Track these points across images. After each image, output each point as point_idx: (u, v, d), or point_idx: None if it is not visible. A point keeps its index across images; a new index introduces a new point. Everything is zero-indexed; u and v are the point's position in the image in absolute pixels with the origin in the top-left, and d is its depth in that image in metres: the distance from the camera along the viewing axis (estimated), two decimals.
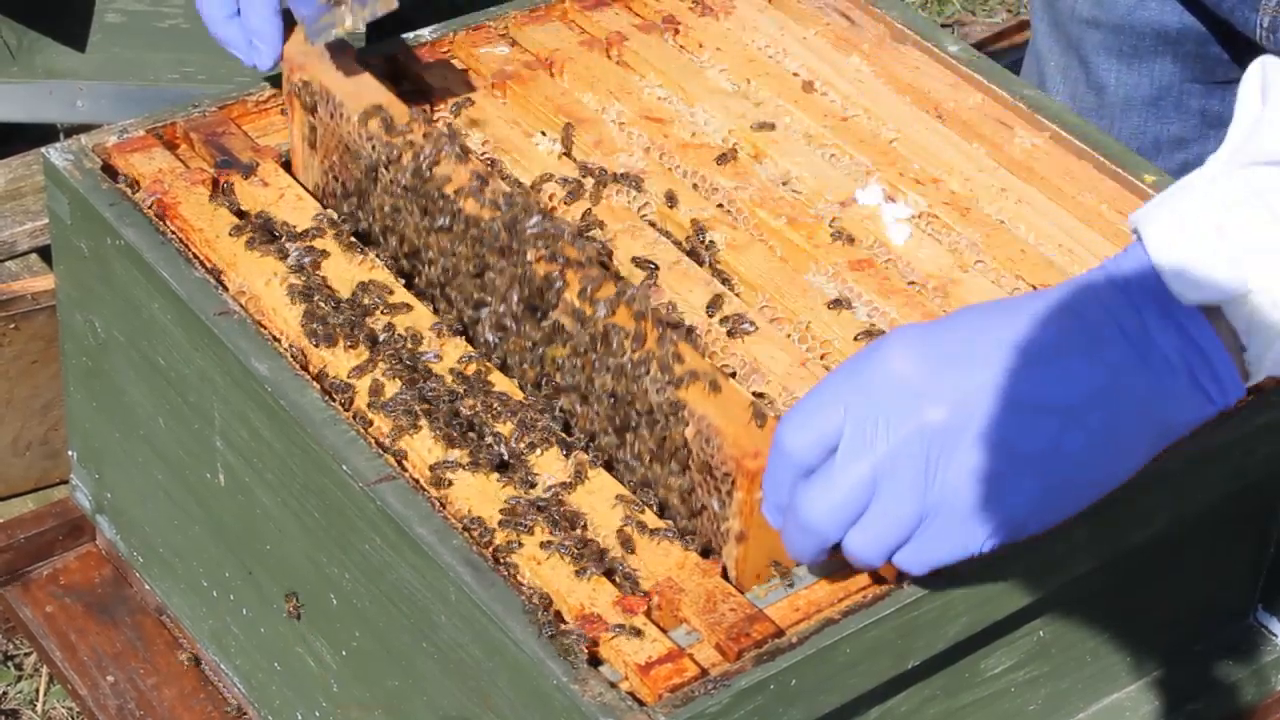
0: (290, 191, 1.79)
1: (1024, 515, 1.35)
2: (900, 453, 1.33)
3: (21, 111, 2.87)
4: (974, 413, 1.33)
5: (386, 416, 1.59)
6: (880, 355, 1.36)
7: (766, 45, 1.98)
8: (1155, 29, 2.19)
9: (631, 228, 1.76)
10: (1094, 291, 1.35)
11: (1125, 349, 1.33)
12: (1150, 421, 1.35)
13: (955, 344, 1.35)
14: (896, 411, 1.34)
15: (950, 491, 1.34)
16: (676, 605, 1.47)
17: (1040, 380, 1.33)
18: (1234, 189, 1.31)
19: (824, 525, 1.37)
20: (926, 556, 1.38)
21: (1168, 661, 1.77)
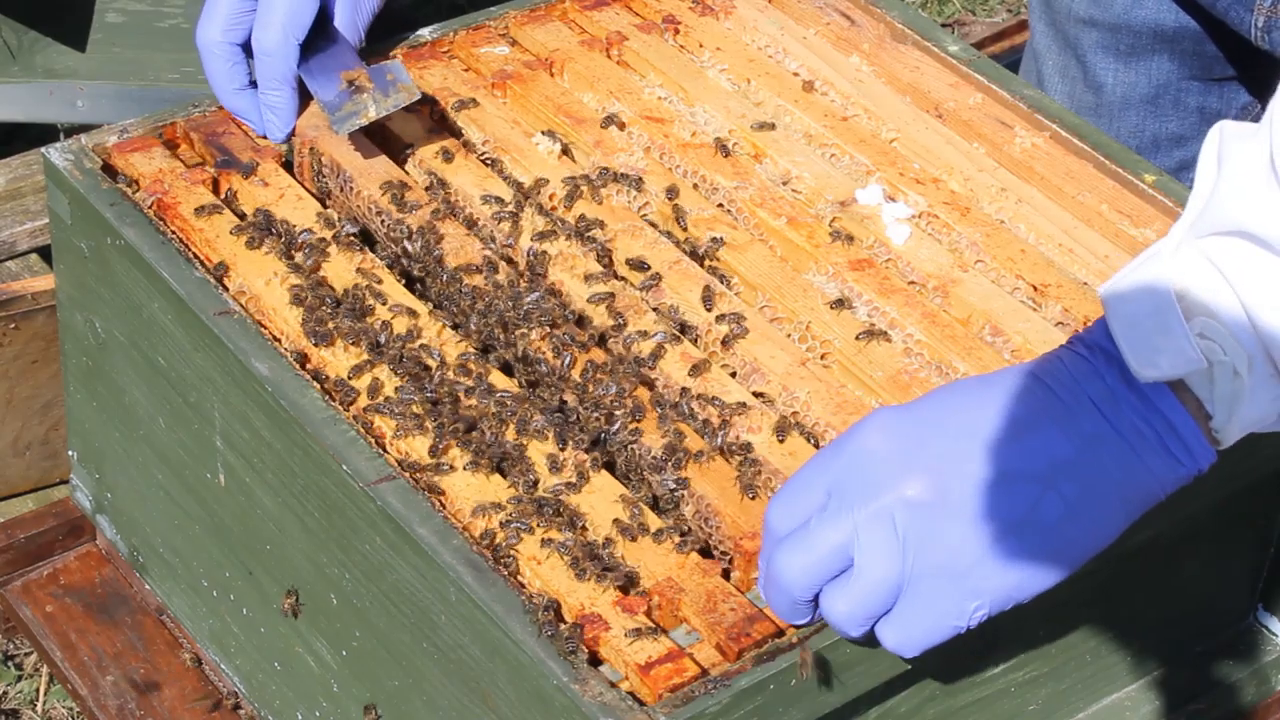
0: (290, 191, 1.79)
1: (1006, 585, 1.36)
2: (877, 520, 1.35)
3: (22, 111, 2.87)
4: (950, 485, 1.35)
5: (387, 416, 1.59)
6: (859, 435, 1.38)
7: (767, 45, 1.98)
8: (1152, 28, 2.19)
9: (631, 228, 1.76)
10: (1064, 364, 1.38)
11: (1097, 419, 1.35)
12: (1125, 489, 1.37)
13: (930, 420, 1.38)
14: (875, 484, 1.36)
15: (927, 567, 1.35)
16: (677, 605, 1.47)
17: (1015, 451, 1.35)
18: (1192, 261, 1.32)
19: (796, 583, 1.38)
20: (911, 633, 1.38)
21: (1168, 661, 1.77)
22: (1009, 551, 1.35)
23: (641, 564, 1.49)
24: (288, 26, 1.80)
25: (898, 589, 1.36)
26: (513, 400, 1.60)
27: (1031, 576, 1.36)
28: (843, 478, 1.37)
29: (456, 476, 1.55)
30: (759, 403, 1.62)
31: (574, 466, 1.55)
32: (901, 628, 1.38)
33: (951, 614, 1.37)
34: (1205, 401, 1.35)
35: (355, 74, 1.79)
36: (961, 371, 1.66)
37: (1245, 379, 1.32)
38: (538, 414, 1.59)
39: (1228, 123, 1.34)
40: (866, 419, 1.39)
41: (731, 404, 1.60)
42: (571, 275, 1.70)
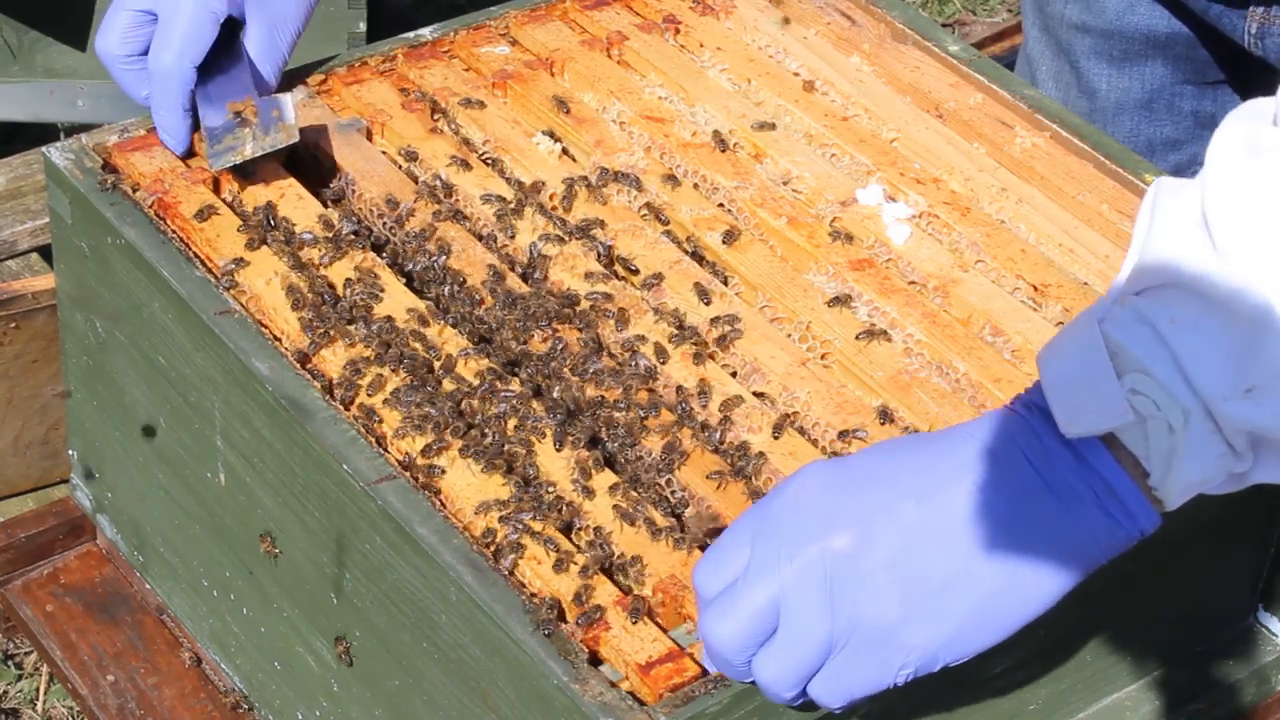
0: (290, 191, 1.79)
1: (933, 646, 1.32)
2: (804, 576, 1.31)
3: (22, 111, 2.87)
4: (879, 537, 1.31)
5: (387, 415, 1.59)
6: (787, 488, 1.35)
7: (767, 45, 1.98)
8: (1144, 33, 2.19)
9: (632, 227, 1.76)
10: (1000, 421, 1.34)
11: (1029, 476, 1.31)
12: (1060, 547, 1.32)
13: (860, 472, 1.34)
14: (799, 537, 1.32)
15: (859, 619, 1.31)
16: (680, 603, 1.47)
17: (944, 505, 1.31)
18: (1124, 317, 1.30)
19: (727, 649, 1.34)
20: (841, 686, 1.33)
21: (1168, 661, 1.77)
22: (937, 610, 1.31)
23: (645, 562, 1.49)
24: (183, 50, 1.76)
25: (829, 646, 1.32)
26: (514, 398, 1.60)
27: (959, 639, 1.32)
28: (767, 530, 1.33)
29: (456, 476, 1.55)
30: (759, 402, 1.62)
31: (576, 465, 1.55)
32: (828, 681, 1.34)
33: (877, 671, 1.33)
34: (1142, 458, 1.31)
35: (242, 105, 1.75)
36: (962, 371, 1.66)
37: (1182, 435, 1.28)
38: (541, 413, 1.59)
39: (1164, 178, 1.32)
40: (796, 473, 1.35)
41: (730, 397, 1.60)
42: (572, 274, 1.70)
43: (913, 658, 1.32)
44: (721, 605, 1.34)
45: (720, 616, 1.33)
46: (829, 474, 1.34)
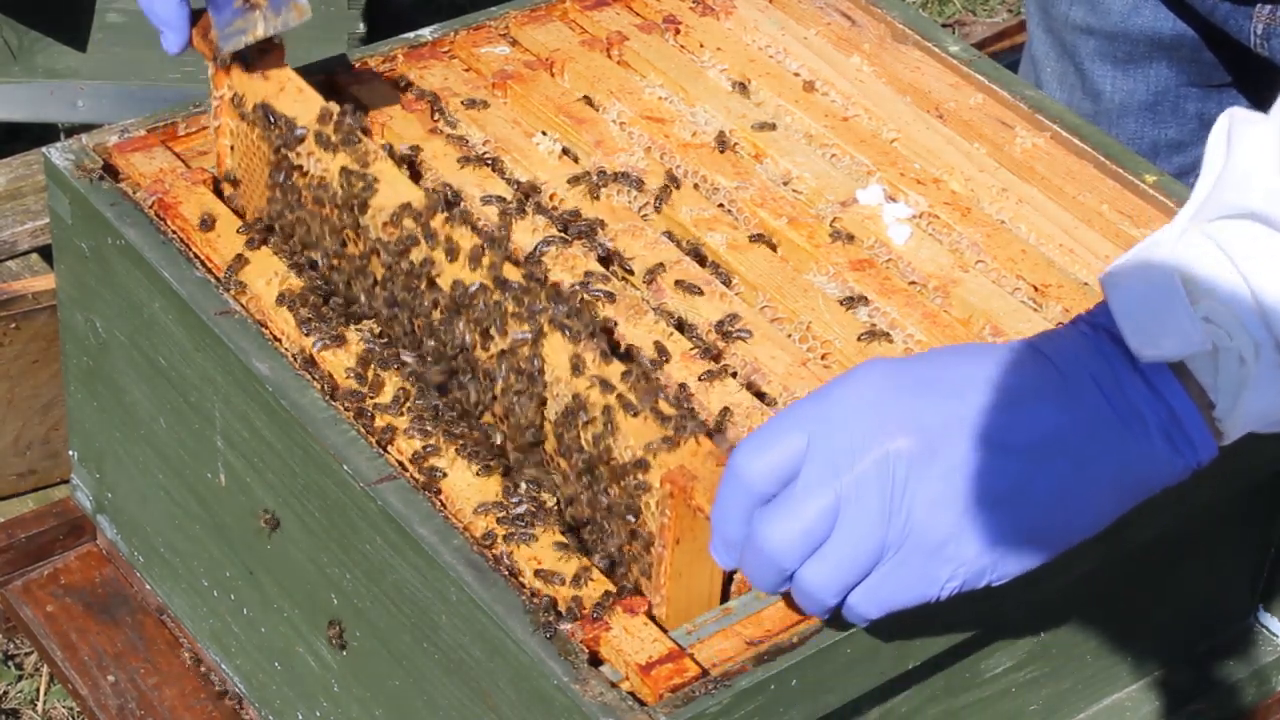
0: (291, 84, 1.74)
1: (984, 562, 1.31)
2: (865, 481, 1.29)
3: (22, 111, 2.87)
4: (941, 446, 1.29)
5: (387, 415, 1.59)
6: (847, 383, 1.32)
7: (767, 45, 1.98)
8: (1149, 35, 2.19)
9: (632, 228, 1.76)
10: (1068, 342, 1.33)
11: (1097, 400, 1.31)
12: (1120, 475, 1.32)
13: (925, 376, 1.32)
14: (861, 438, 1.29)
15: (914, 527, 1.30)
16: (689, 494, 1.43)
17: (1010, 421, 1.30)
18: (1198, 243, 1.29)
19: (784, 555, 1.32)
20: (883, 596, 1.32)
21: (1168, 662, 1.77)
22: (992, 526, 1.30)
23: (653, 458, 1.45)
24: None
25: (880, 554, 1.30)
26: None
27: (1011, 555, 1.31)
28: (828, 429, 1.30)
29: (457, 476, 1.55)
30: (758, 403, 1.62)
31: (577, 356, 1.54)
32: (871, 591, 1.32)
33: (923, 584, 1.31)
34: (1209, 389, 1.30)
35: None
36: None
37: (1251, 366, 1.28)
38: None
39: (1237, 109, 1.31)
40: (856, 369, 1.32)
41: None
42: (572, 275, 1.70)
43: (961, 572, 1.31)
44: (783, 509, 1.31)
45: (784, 519, 1.30)
46: (892, 374, 1.31)
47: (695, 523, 1.43)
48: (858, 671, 1.48)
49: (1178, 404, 1.31)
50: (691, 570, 1.46)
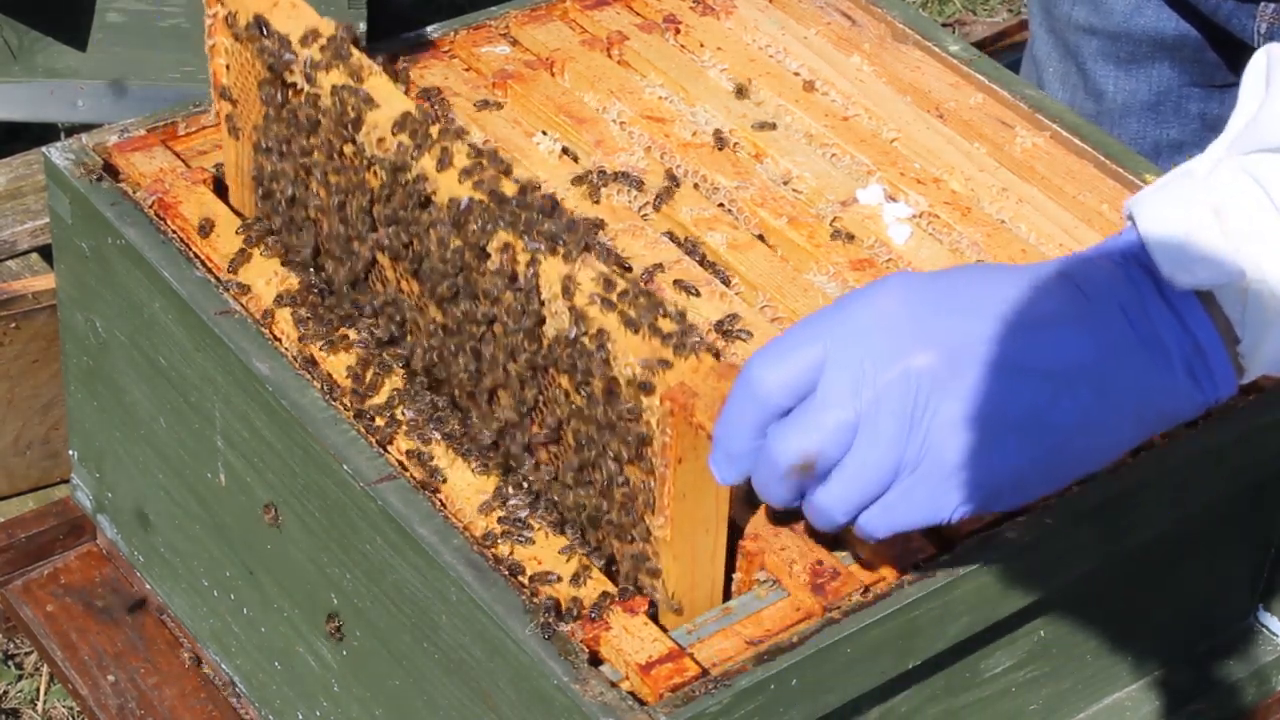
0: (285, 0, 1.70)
1: (1001, 483, 1.29)
2: (885, 398, 1.26)
3: (22, 111, 2.87)
4: (963, 365, 1.26)
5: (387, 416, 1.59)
6: (869, 295, 1.29)
7: (768, 45, 1.98)
8: (1152, 35, 2.19)
9: (632, 227, 1.76)
10: (1095, 267, 1.30)
11: (1123, 327, 1.29)
12: (1140, 406, 1.30)
13: (951, 293, 1.29)
14: (883, 354, 1.26)
15: (931, 446, 1.27)
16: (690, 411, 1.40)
17: (1035, 344, 1.27)
18: (1233, 175, 1.27)
19: (798, 470, 1.29)
20: (894, 518, 1.30)
21: (1168, 662, 1.77)
22: (1010, 450, 1.27)
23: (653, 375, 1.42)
24: None
25: (895, 473, 1.28)
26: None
27: (1026, 481, 1.29)
28: (847, 343, 1.27)
29: (456, 477, 1.55)
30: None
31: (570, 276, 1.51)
32: (883, 510, 1.30)
33: (934, 505, 1.29)
34: (1235, 323, 1.28)
35: None
36: None
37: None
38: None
39: (1275, 45, 1.30)
40: (876, 283, 1.29)
41: None
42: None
43: (976, 495, 1.29)
44: (801, 424, 1.28)
45: (801, 434, 1.28)
46: (915, 289, 1.29)
47: (698, 441, 1.39)
48: (858, 671, 1.48)
49: (1203, 336, 1.29)
50: (696, 492, 1.42)
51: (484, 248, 1.52)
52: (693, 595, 1.48)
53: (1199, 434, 1.61)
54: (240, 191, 1.77)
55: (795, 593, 1.48)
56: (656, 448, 1.42)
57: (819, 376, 1.28)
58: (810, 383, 1.29)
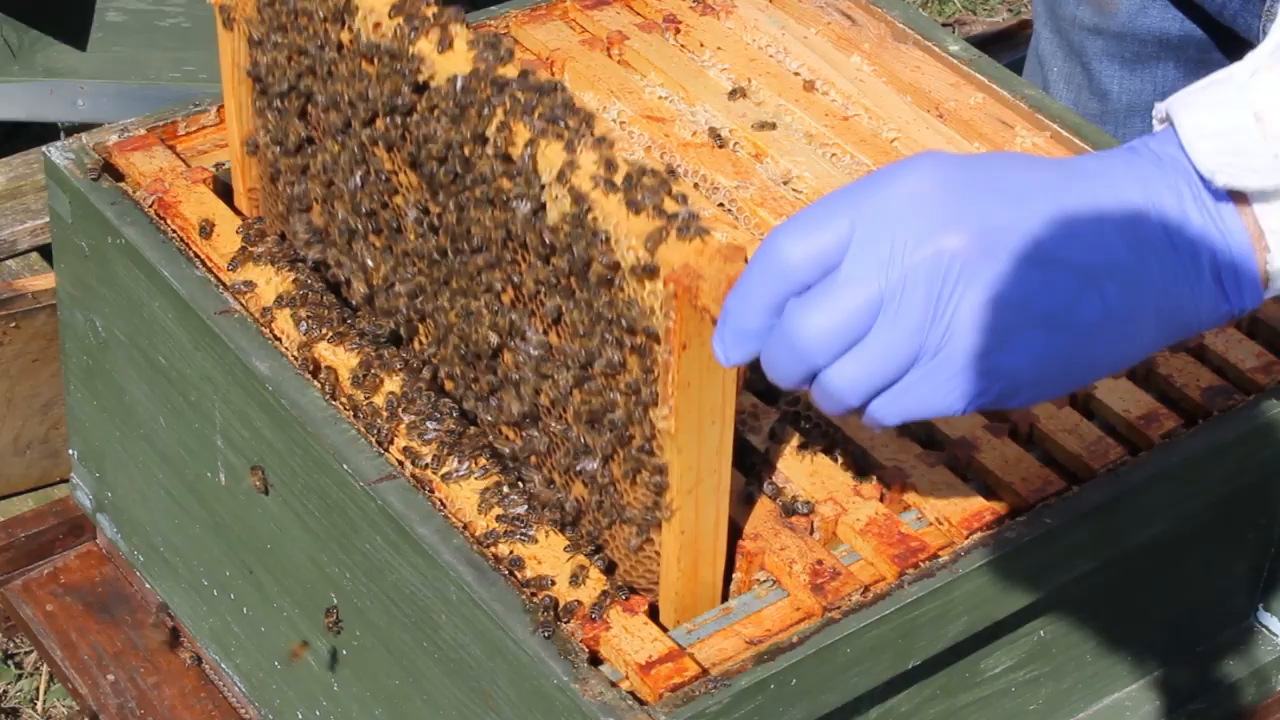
0: None
1: (1020, 378, 1.25)
2: (911, 280, 1.21)
3: (22, 110, 2.87)
4: (995, 251, 1.22)
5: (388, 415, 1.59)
6: (901, 173, 1.24)
7: (768, 45, 1.98)
8: (1157, 35, 2.19)
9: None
10: (1130, 166, 1.28)
11: (1156, 227, 1.26)
12: (1165, 311, 1.27)
13: (987, 178, 1.25)
14: (913, 233, 1.22)
15: (954, 333, 1.23)
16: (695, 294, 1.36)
17: (1068, 237, 1.24)
18: (1274, 82, 1.24)
19: (817, 349, 1.24)
20: (907, 405, 1.25)
21: (1168, 661, 1.77)
22: (1033, 343, 1.24)
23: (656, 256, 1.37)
24: None
25: (915, 358, 1.24)
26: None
27: (1045, 377, 1.25)
28: (876, 219, 1.22)
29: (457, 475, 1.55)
30: (757, 400, 1.62)
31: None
32: (896, 397, 1.25)
33: (950, 394, 1.25)
34: (1269, 232, 1.26)
35: None
36: None
37: None
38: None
39: None
40: (909, 160, 1.25)
41: None
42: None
43: (993, 388, 1.25)
44: (822, 299, 1.23)
45: (816, 309, 1.23)
46: (949, 170, 1.25)
47: (703, 326, 1.34)
48: (858, 671, 1.48)
49: (1236, 243, 1.27)
50: (701, 380, 1.37)
51: (483, 132, 1.47)
52: (698, 492, 1.42)
53: (1199, 434, 1.61)
54: (236, 91, 1.73)
55: (795, 592, 1.48)
56: (660, 334, 1.36)
57: (844, 254, 1.24)
58: (835, 259, 1.24)
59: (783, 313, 1.25)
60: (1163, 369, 1.67)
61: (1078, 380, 1.28)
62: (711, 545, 1.47)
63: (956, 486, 1.56)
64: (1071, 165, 1.28)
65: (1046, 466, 1.58)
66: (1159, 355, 1.68)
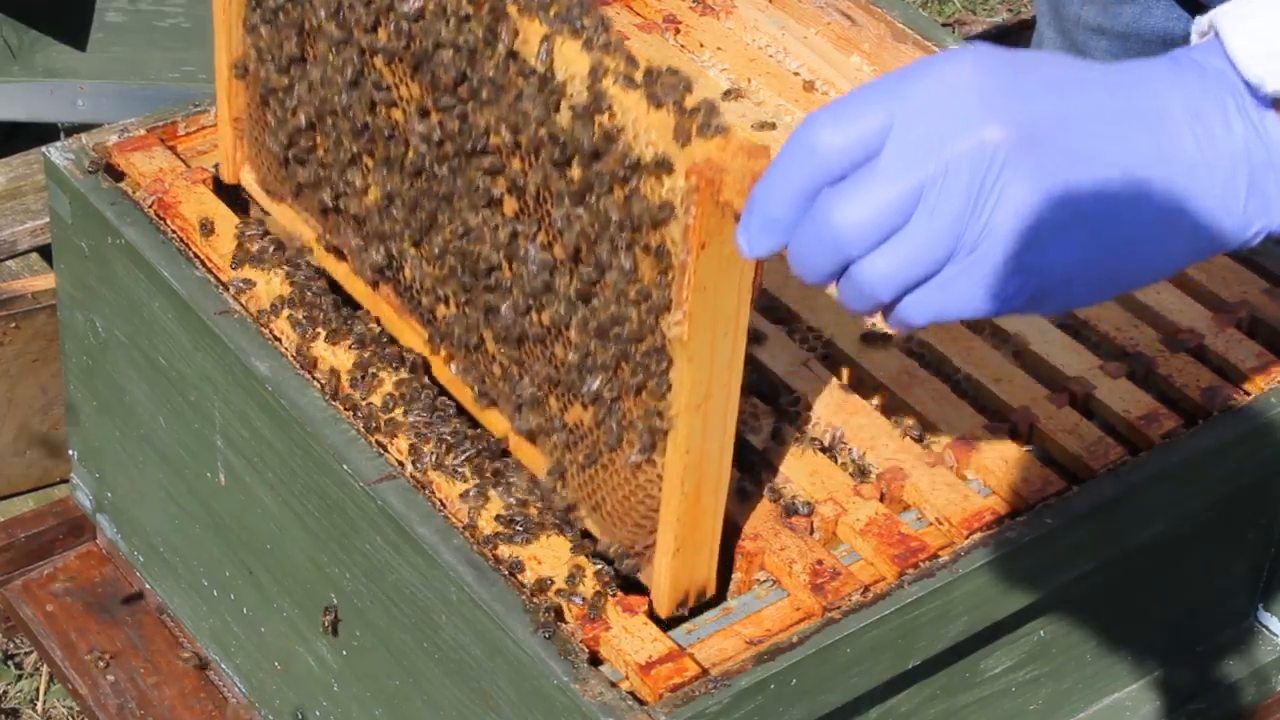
0: None
1: (1053, 279, 1.22)
2: (955, 169, 1.19)
3: (22, 111, 2.87)
4: (1038, 146, 1.20)
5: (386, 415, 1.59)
6: (941, 64, 1.20)
7: (768, 45, 1.98)
8: (1161, 35, 2.19)
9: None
10: (1176, 74, 1.26)
11: (1198, 139, 1.24)
12: (1200, 224, 1.24)
13: (1030, 73, 1.22)
14: (955, 124, 1.19)
15: (992, 229, 1.20)
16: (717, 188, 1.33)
17: (1112, 137, 1.22)
18: None
19: (852, 240, 1.20)
20: (938, 302, 1.22)
21: (1168, 661, 1.77)
22: (1070, 244, 1.21)
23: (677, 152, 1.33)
24: None
25: (949, 255, 1.21)
26: None
27: (1075, 281, 1.23)
28: (916, 109, 1.19)
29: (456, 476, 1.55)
30: (758, 403, 1.62)
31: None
32: (928, 293, 1.22)
33: (984, 292, 1.21)
34: None
35: None
36: (962, 372, 1.65)
37: None
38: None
39: None
40: (949, 52, 1.22)
41: None
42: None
43: (1027, 286, 1.22)
44: (859, 188, 1.20)
45: (852, 198, 1.20)
46: (993, 62, 1.22)
47: (724, 224, 1.31)
48: (858, 671, 1.48)
49: (1276, 160, 1.25)
50: (717, 284, 1.34)
51: (494, 28, 1.43)
52: (706, 408, 1.38)
53: (1199, 434, 1.61)
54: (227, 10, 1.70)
55: (795, 592, 1.48)
56: (677, 233, 1.33)
57: (882, 143, 1.21)
58: (873, 148, 1.21)
59: (816, 202, 1.22)
60: (1163, 369, 1.67)
61: (1106, 290, 1.26)
62: (716, 469, 1.42)
63: (956, 486, 1.56)
64: (1115, 69, 1.26)
65: (1046, 466, 1.58)
66: (1159, 355, 1.68)
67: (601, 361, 1.43)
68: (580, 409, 1.47)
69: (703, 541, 1.45)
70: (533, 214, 1.45)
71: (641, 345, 1.39)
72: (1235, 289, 1.75)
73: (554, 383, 1.49)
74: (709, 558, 1.47)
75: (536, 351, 1.50)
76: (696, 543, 1.45)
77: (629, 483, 1.45)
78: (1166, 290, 1.74)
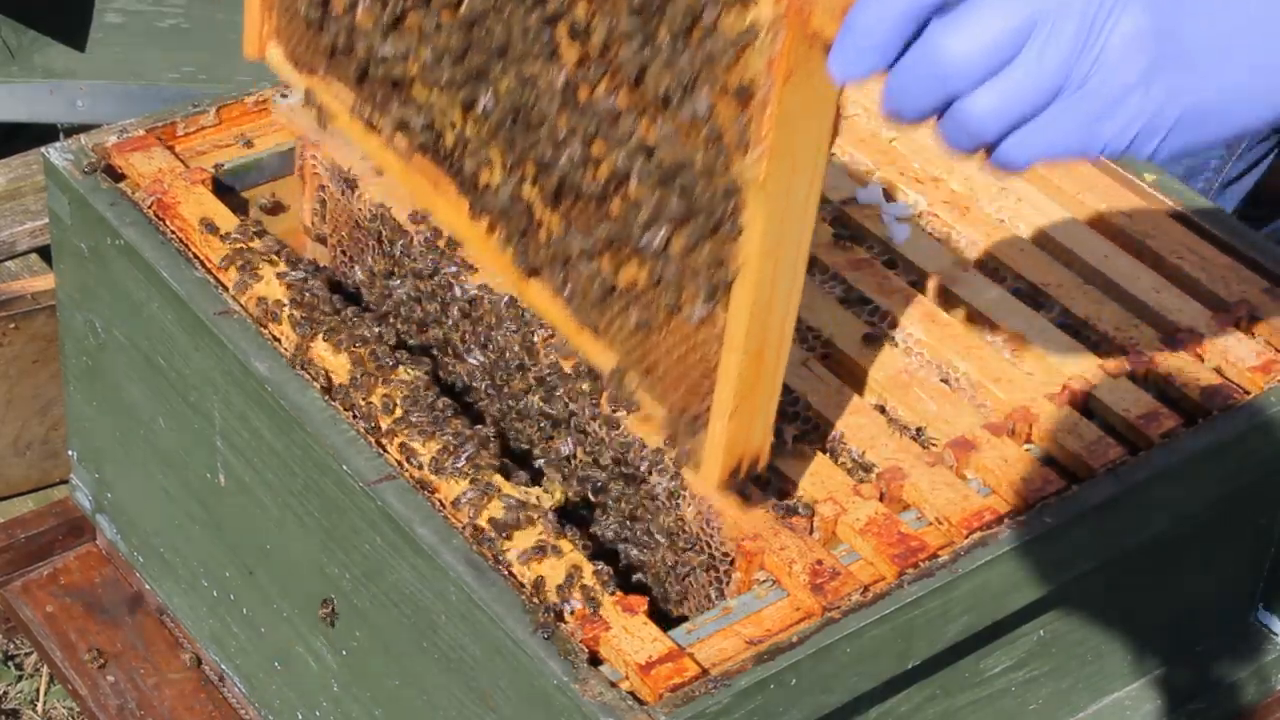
0: None
1: (1163, 118, 1.19)
2: (1066, 4, 1.16)
3: (22, 111, 2.87)
4: None
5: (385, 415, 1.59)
6: None
7: None
8: None
9: None
10: None
11: None
12: None
13: None
14: None
15: (1104, 64, 1.17)
16: None
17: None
18: None
19: (960, 73, 1.17)
20: (1045, 140, 1.19)
21: (1168, 661, 1.77)
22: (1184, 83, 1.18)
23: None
24: None
25: (1059, 89, 1.18)
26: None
27: (1185, 122, 1.20)
28: None
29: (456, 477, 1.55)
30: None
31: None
32: (1033, 132, 1.19)
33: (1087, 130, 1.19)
34: None
35: None
36: (962, 371, 1.65)
37: None
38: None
39: None
40: None
41: None
42: None
43: (1135, 127, 1.19)
44: (966, 18, 1.17)
45: (964, 28, 1.17)
46: None
47: (811, 55, 1.25)
48: (857, 671, 1.48)
49: None
50: (800, 122, 1.28)
51: None
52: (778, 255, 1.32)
53: (1199, 434, 1.61)
54: None
55: (795, 592, 1.48)
56: (760, 64, 1.27)
57: None
58: None
59: (926, 31, 1.19)
60: (1162, 369, 1.67)
61: (1221, 133, 1.23)
62: (780, 326, 1.36)
63: (956, 486, 1.55)
64: None
65: (1046, 466, 1.58)
66: (1159, 355, 1.68)
67: (666, 211, 1.36)
68: (636, 267, 1.40)
69: (760, 406, 1.38)
70: (598, 60, 1.38)
71: (711, 188, 1.32)
72: (1235, 289, 1.75)
73: (609, 240, 1.42)
74: (765, 425, 1.40)
75: (590, 209, 1.43)
76: (753, 406, 1.38)
77: (686, 341, 1.39)
78: (1166, 290, 1.74)
